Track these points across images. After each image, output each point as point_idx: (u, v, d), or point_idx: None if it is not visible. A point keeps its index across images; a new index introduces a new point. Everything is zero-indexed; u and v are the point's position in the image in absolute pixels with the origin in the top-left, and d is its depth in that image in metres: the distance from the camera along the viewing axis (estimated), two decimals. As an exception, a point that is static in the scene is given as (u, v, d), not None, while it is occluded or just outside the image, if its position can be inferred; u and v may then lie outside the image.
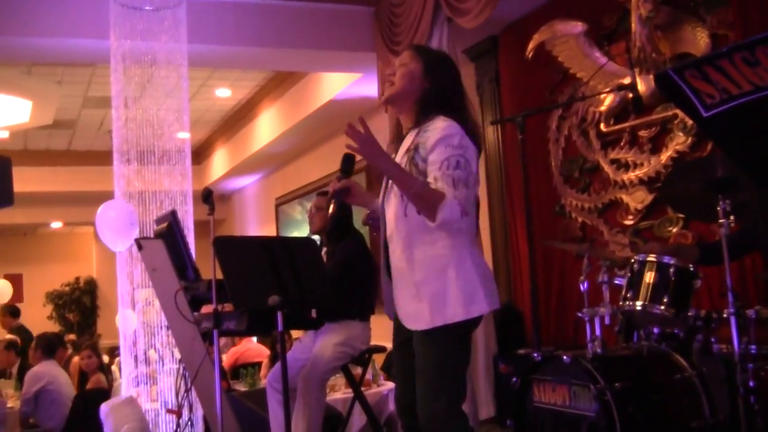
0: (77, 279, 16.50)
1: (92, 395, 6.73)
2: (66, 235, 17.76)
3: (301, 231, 11.05)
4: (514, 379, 3.98)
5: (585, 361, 3.56)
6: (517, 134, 4.48)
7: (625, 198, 5.31)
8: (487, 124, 6.36)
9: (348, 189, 3.08)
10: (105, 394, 7.00)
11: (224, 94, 10.82)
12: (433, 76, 2.96)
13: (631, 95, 4.71)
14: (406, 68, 2.96)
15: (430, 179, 2.77)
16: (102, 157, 7.78)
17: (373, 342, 4.82)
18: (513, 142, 5.76)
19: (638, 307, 3.74)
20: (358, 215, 4.79)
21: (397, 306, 2.93)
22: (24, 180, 5.88)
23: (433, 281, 2.83)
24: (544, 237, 5.65)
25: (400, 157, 2.91)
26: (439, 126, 2.83)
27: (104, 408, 4.63)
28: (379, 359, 6.58)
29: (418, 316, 2.85)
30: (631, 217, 5.28)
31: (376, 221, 4.40)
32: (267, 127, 10.89)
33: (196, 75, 9.06)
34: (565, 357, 3.69)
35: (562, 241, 5.61)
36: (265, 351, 8.02)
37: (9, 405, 7.07)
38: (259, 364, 7.74)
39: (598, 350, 3.74)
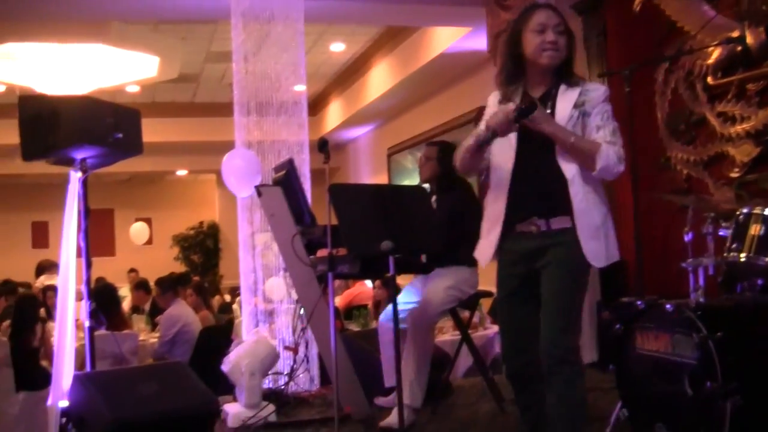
0: (201, 223, 16.95)
1: (214, 331, 7.15)
2: (191, 182, 18.29)
3: (412, 180, 11.21)
4: (617, 326, 3.98)
5: (688, 310, 3.53)
6: (624, 87, 4.48)
7: (731, 151, 5.25)
8: (594, 78, 6.32)
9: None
10: (226, 330, 7.41)
11: (338, 48, 11.00)
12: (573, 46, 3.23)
13: (739, 48, 4.65)
14: (566, 38, 3.16)
15: (592, 127, 3.09)
16: (223, 109, 8.06)
17: (480, 287, 4.86)
18: (620, 95, 5.66)
19: (742, 259, 3.74)
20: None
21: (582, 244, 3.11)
22: (152, 131, 6.17)
23: (605, 224, 3.15)
24: (649, 189, 5.58)
25: (565, 112, 3.12)
26: (602, 89, 3.19)
27: (235, 346, 4.93)
28: (486, 303, 6.72)
29: (597, 254, 3.11)
30: (736, 169, 5.23)
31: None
32: (379, 80, 11.04)
33: (311, 30, 9.23)
34: (668, 305, 3.68)
35: (667, 192, 5.60)
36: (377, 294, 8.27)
37: (141, 338, 7.55)
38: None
39: (701, 300, 3.76)
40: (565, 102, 3.14)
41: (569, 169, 3.10)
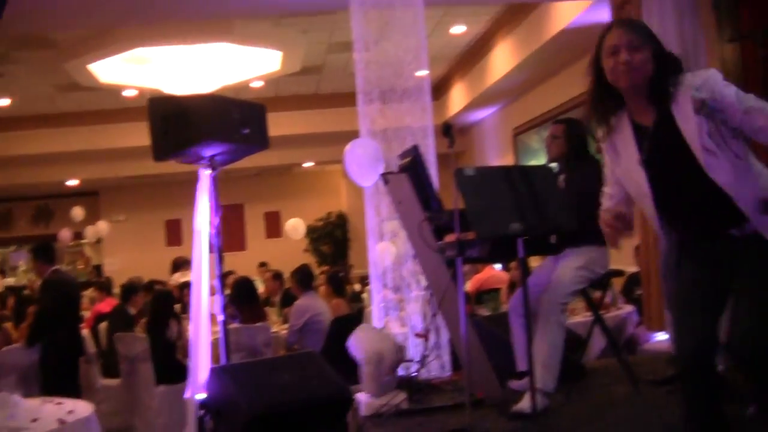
0: (329, 214, 17.15)
1: (345, 321, 7.21)
2: (317, 174, 18.50)
3: (539, 160, 11.06)
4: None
5: None
6: (758, 51, 4.30)
7: None
8: (725, 42, 6.07)
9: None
10: (356, 319, 7.46)
11: (459, 30, 10.94)
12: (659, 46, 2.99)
13: None
14: (650, 51, 2.95)
15: (736, 111, 2.80)
16: (348, 99, 8.13)
17: (612, 266, 4.76)
18: (754, 60, 5.50)
19: None
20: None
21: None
22: (277, 124, 6.24)
23: None
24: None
25: (693, 126, 2.84)
26: (711, 74, 2.89)
27: (356, 333, 4.96)
28: (618, 283, 6.55)
29: None
30: None
31: None
32: (502, 60, 10.93)
33: (431, 14, 9.22)
34: None
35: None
36: (507, 277, 8.21)
37: (273, 330, 7.70)
38: (501, 290, 7.95)
39: None
40: (686, 115, 2.87)
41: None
